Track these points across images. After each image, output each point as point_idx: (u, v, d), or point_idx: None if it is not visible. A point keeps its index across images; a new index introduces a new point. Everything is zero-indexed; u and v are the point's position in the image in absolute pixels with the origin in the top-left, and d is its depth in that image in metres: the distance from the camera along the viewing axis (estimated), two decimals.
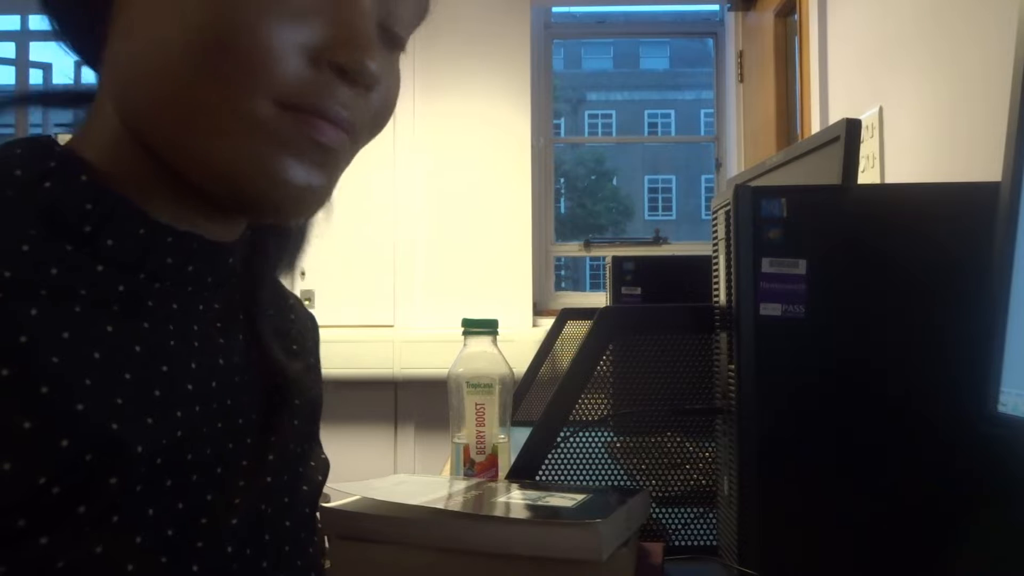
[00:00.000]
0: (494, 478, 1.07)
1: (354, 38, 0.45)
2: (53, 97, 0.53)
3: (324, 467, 0.61)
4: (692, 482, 0.92)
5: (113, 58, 0.47)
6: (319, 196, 0.47)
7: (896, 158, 1.70)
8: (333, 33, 0.45)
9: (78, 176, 0.45)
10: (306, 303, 3.59)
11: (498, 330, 1.14)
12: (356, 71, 0.45)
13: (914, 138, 1.63)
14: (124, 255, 0.46)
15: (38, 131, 0.52)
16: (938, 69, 1.55)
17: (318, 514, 0.59)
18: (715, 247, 0.81)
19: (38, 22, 3.57)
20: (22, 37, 3.51)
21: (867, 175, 1.75)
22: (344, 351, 3.04)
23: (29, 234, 0.42)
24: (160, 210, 0.47)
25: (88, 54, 0.51)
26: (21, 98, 0.55)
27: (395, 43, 0.50)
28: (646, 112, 22.60)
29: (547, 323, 2.34)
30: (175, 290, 0.48)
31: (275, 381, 0.54)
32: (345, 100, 0.46)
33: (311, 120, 0.45)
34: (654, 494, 0.92)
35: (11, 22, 3.51)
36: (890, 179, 1.71)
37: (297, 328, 0.62)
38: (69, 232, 0.44)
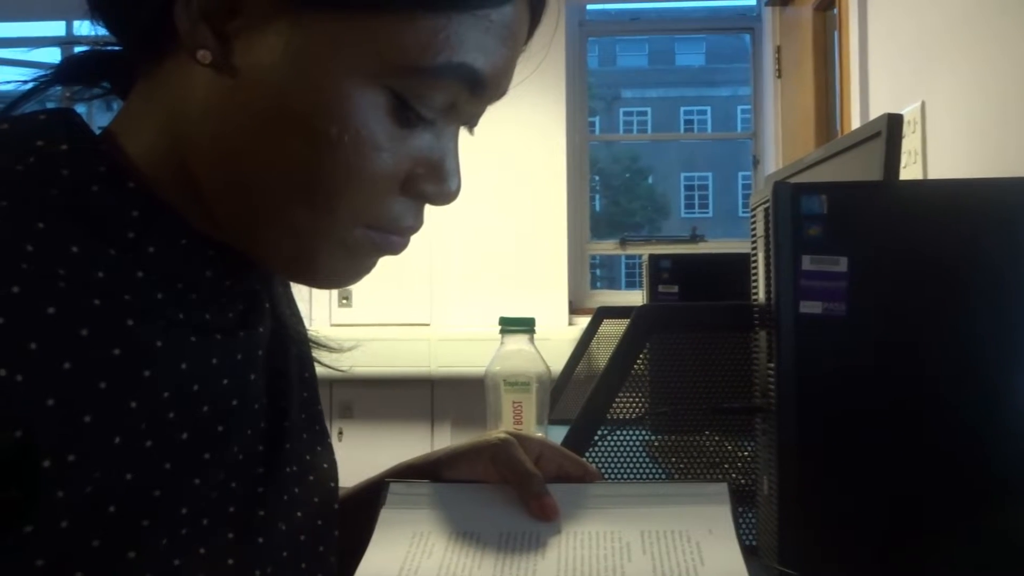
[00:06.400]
0: None
1: (444, 176, 0.49)
2: (76, 74, 0.53)
3: (334, 471, 0.61)
4: (731, 481, 0.91)
5: (182, 90, 0.47)
6: (362, 278, 0.52)
7: (939, 154, 1.67)
8: (424, 172, 0.48)
9: (126, 183, 0.46)
10: (343, 302, 3.59)
11: (535, 328, 1.14)
12: (441, 200, 0.50)
13: (958, 133, 1.61)
14: (165, 264, 0.47)
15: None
16: (982, 62, 1.52)
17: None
18: (754, 244, 0.80)
19: (45, 28, 3.63)
20: (31, 42, 3.58)
21: (909, 171, 1.72)
22: (381, 349, 3.06)
23: (77, 236, 0.43)
24: (200, 218, 0.49)
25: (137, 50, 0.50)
26: (43, 84, 0.52)
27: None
28: (682, 109, 22.42)
29: (583, 321, 2.34)
30: (211, 301, 0.49)
31: (281, 386, 0.56)
32: (420, 215, 0.50)
33: (387, 237, 0.49)
34: None
35: (21, 29, 3.57)
36: (933, 175, 1.68)
37: (294, 306, 0.64)
38: (113, 237, 0.45)
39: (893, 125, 0.81)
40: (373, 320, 3.18)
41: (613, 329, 1.76)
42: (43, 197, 0.43)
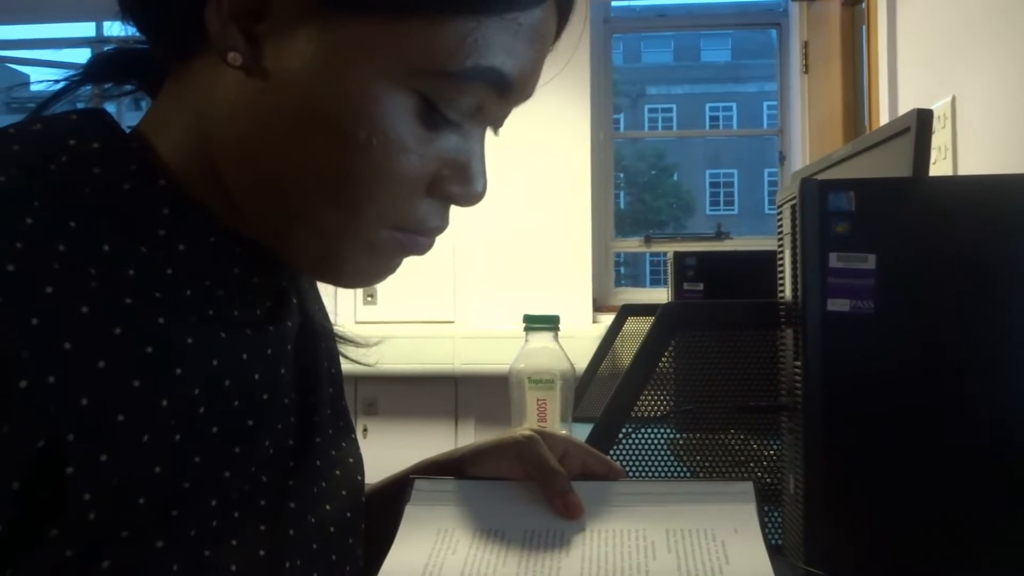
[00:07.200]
0: None
1: (470, 177, 0.49)
2: (105, 72, 0.54)
3: (360, 465, 0.61)
4: (756, 480, 0.91)
5: (211, 90, 0.47)
6: (386, 277, 0.52)
7: (969, 149, 1.65)
8: (451, 173, 0.48)
9: (156, 181, 0.47)
10: (368, 300, 3.59)
11: (559, 326, 1.14)
12: (467, 201, 0.50)
13: (989, 128, 1.58)
14: (194, 261, 0.47)
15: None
16: (1014, 56, 1.50)
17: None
18: (780, 242, 0.80)
19: (75, 29, 3.66)
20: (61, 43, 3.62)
21: (939, 167, 1.70)
22: (405, 347, 3.07)
23: (108, 234, 0.43)
24: (228, 216, 0.49)
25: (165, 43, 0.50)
26: (74, 83, 0.53)
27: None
28: (707, 105, 22.29)
29: (607, 319, 2.33)
30: (239, 297, 0.50)
31: (310, 381, 0.57)
32: (445, 216, 0.51)
33: (413, 238, 0.49)
34: None
35: (52, 30, 3.62)
36: (963, 171, 1.66)
37: (320, 302, 0.64)
38: (144, 235, 0.45)
39: (922, 120, 0.80)
40: (397, 317, 3.19)
41: (637, 327, 1.76)
42: (75, 196, 0.44)
